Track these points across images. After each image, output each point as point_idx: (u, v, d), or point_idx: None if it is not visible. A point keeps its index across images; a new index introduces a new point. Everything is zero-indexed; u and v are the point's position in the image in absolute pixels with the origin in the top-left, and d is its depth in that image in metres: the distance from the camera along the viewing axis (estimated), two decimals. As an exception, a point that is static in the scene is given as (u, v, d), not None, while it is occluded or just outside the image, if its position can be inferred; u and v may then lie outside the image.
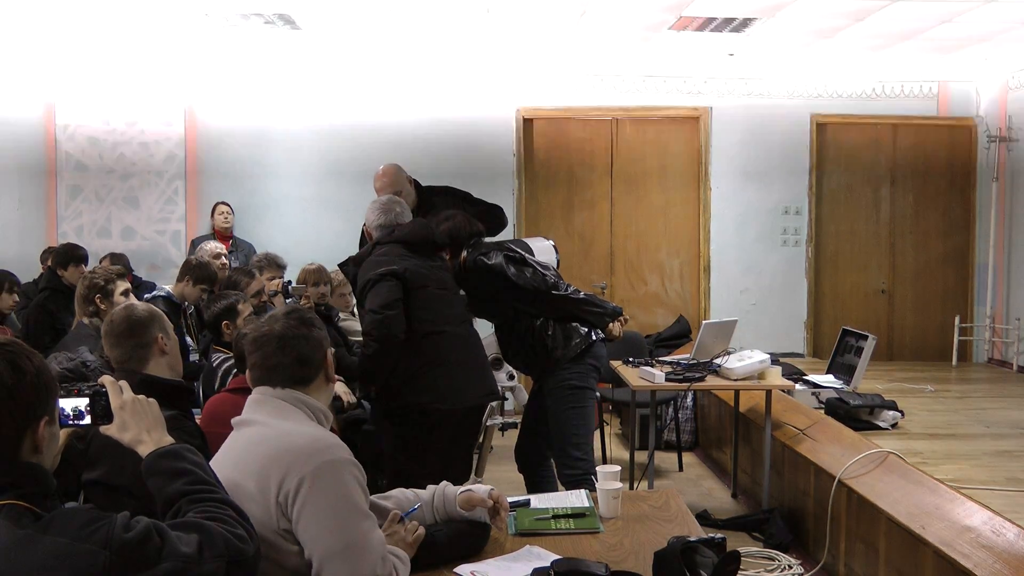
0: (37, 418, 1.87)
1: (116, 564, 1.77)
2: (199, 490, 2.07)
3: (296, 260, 7.21)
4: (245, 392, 3.82)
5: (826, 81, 9.33)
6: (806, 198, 9.41)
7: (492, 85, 9.18)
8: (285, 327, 2.59)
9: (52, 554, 1.74)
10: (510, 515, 3.17)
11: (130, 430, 2.20)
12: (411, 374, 4.33)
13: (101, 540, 1.77)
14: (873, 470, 4.83)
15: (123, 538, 1.78)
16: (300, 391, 2.59)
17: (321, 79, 9.16)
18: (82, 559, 1.75)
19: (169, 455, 2.14)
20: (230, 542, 1.93)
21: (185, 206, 9.15)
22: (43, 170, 9.17)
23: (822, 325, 9.49)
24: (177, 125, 9.17)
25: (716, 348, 6.05)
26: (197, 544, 1.88)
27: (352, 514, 2.40)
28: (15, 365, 1.84)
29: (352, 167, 8.89)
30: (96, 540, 1.77)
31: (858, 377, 6.47)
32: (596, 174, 9.30)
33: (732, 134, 9.35)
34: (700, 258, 9.42)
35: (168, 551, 1.82)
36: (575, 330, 4.80)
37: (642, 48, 8.78)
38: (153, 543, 1.82)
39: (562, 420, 4.81)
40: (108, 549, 1.76)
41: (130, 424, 2.20)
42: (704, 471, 7.35)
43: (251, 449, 2.47)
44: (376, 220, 4.68)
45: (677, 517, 3.18)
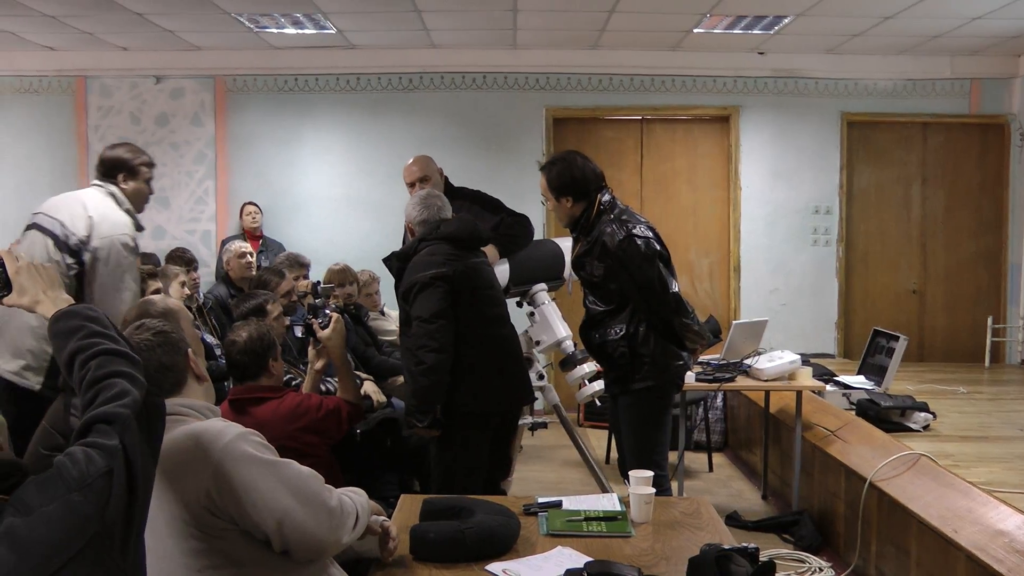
0: None
1: (91, 493, 1.79)
2: (90, 344, 2.08)
3: (325, 260, 7.27)
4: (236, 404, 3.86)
5: (856, 79, 9.27)
6: (836, 197, 9.35)
7: (521, 85, 9.19)
8: (137, 343, 2.53)
9: (44, 524, 1.75)
10: (542, 515, 3.19)
11: (28, 293, 2.31)
12: (457, 377, 4.29)
13: (72, 485, 1.79)
14: (904, 472, 4.80)
15: (82, 472, 1.80)
16: (177, 397, 2.55)
17: (351, 79, 9.20)
18: (72, 510, 1.77)
19: (65, 315, 2.18)
20: (125, 401, 1.94)
21: (215, 206, 9.22)
22: (75, 171, 9.29)
23: (853, 325, 9.44)
24: (208, 125, 9.24)
25: (746, 348, 6.03)
26: (113, 427, 1.89)
27: (274, 469, 2.39)
28: None
29: (381, 167, 8.93)
30: (68, 488, 1.78)
31: (889, 378, 6.42)
32: (625, 174, 9.28)
33: (762, 133, 9.31)
34: (730, 258, 9.39)
35: (104, 450, 1.84)
36: (676, 353, 4.52)
37: (671, 47, 8.78)
38: (96, 455, 1.83)
39: (640, 435, 4.60)
40: (80, 492, 1.78)
41: (27, 287, 2.31)
42: (734, 472, 7.32)
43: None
44: (418, 216, 4.59)
45: (708, 524, 3.17)
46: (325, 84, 9.25)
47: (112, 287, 4.21)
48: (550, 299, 5.42)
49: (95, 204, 4.48)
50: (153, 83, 9.26)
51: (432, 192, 4.80)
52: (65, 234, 4.38)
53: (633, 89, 9.24)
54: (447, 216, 4.60)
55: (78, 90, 9.32)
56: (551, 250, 5.45)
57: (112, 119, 9.31)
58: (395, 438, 4.83)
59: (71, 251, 4.38)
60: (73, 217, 4.41)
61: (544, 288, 5.42)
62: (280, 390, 4.00)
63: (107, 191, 4.56)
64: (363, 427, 4.57)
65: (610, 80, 9.20)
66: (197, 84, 9.28)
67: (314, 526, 2.38)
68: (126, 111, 9.31)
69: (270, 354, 3.94)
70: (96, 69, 9.25)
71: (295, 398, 3.95)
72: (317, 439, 3.91)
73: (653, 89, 9.24)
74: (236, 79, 9.26)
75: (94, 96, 9.32)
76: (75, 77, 9.30)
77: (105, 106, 9.32)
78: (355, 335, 6.13)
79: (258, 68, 9.18)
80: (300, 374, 5.01)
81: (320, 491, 2.44)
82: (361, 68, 9.15)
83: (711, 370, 5.83)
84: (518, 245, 5.24)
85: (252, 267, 6.72)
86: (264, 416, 3.75)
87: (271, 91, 9.27)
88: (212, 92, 9.27)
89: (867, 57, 9.08)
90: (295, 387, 4.58)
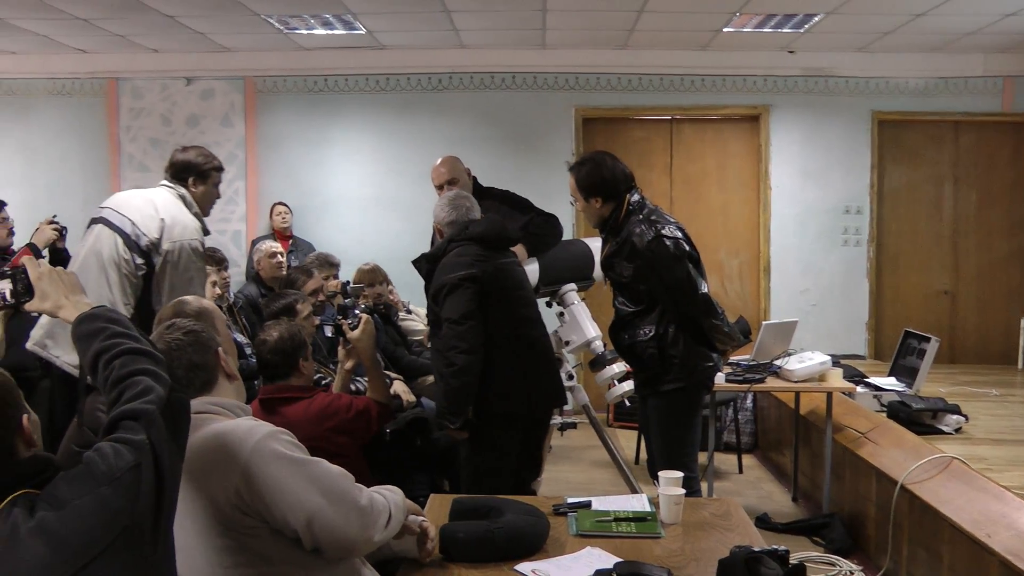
0: (16, 420, 1.91)
1: (120, 486, 1.83)
2: (113, 344, 2.12)
3: (355, 260, 7.30)
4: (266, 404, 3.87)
5: (887, 77, 9.19)
6: (867, 197, 9.28)
7: (550, 85, 9.19)
8: (167, 343, 2.57)
9: (76, 517, 1.79)
10: (571, 515, 3.18)
11: (50, 298, 2.35)
12: (487, 378, 4.29)
13: (101, 480, 1.83)
14: (936, 475, 4.76)
15: (111, 467, 1.84)
16: (208, 396, 2.57)
17: (380, 79, 9.23)
18: (103, 504, 1.81)
19: (87, 318, 2.23)
20: (149, 397, 1.98)
21: (246, 206, 9.27)
22: (106, 171, 9.39)
23: (883, 326, 9.36)
24: (238, 126, 9.29)
25: (776, 349, 6.00)
26: (139, 423, 1.93)
27: (304, 468, 2.40)
28: None
29: (410, 167, 8.95)
30: (98, 482, 1.82)
31: (920, 380, 6.37)
32: (655, 174, 9.25)
33: (792, 132, 9.25)
34: (760, 258, 9.34)
35: (131, 445, 1.89)
36: (706, 355, 4.49)
37: (701, 47, 8.75)
38: (124, 449, 1.87)
39: (669, 437, 4.57)
40: (110, 485, 1.82)
41: (49, 292, 2.35)
42: (764, 473, 7.29)
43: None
44: (446, 217, 4.60)
45: (738, 527, 3.15)
46: (355, 84, 9.28)
47: (180, 291, 4.22)
48: (580, 299, 5.41)
49: (166, 206, 4.52)
50: (184, 84, 9.32)
51: (460, 193, 4.81)
52: (136, 234, 4.42)
53: (663, 89, 9.21)
54: (476, 217, 4.60)
55: (110, 92, 9.39)
56: (581, 250, 5.45)
57: (143, 120, 9.38)
58: (425, 438, 4.83)
59: (141, 251, 4.43)
60: (144, 217, 4.45)
61: (574, 288, 5.42)
62: (310, 390, 4.01)
63: (177, 193, 4.61)
64: (393, 427, 4.57)
65: (639, 80, 9.18)
66: (227, 85, 9.33)
67: (344, 525, 2.38)
68: (157, 112, 9.38)
69: (300, 354, 3.95)
70: (127, 71, 9.32)
71: (325, 398, 3.96)
72: (347, 439, 3.91)
73: (683, 89, 9.21)
74: (266, 80, 9.30)
75: (125, 98, 9.39)
76: (107, 79, 9.37)
77: (136, 107, 9.39)
78: (384, 335, 6.15)
79: (288, 69, 9.22)
80: (330, 373, 5.03)
81: (350, 490, 2.45)
82: (390, 68, 9.17)
83: (741, 371, 5.81)
84: (547, 244, 5.24)
85: (283, 267, 6.75)
86: (294, 416, 3.76)
87: (301, 92, 9.31)
88: (242, 93, 9.32)
89: (898, 55, 9.01)
90: (325, 386, 4.59)
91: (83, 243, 4.57)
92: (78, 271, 4.37)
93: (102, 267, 4.40)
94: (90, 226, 4.60)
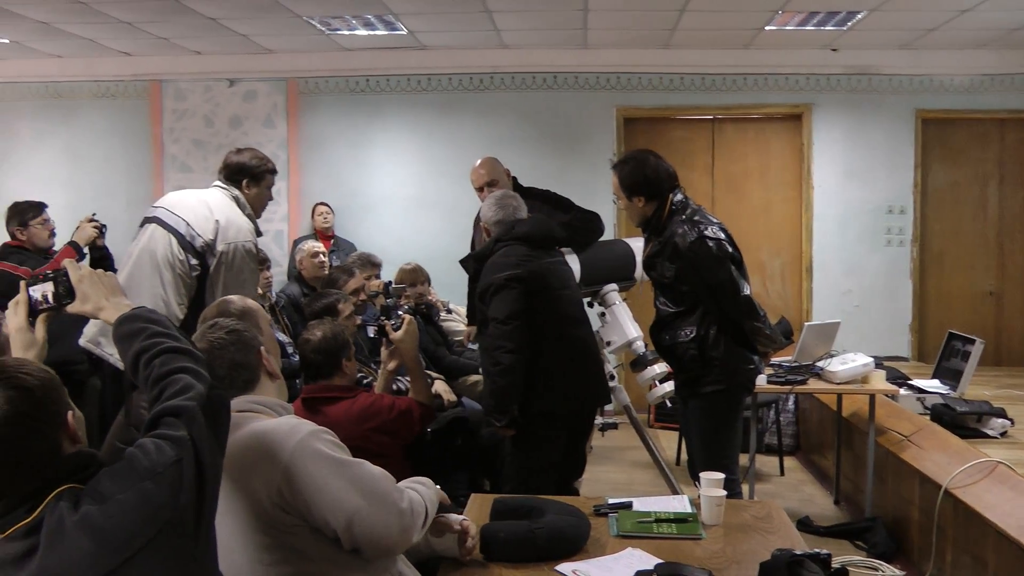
0: (62, 417, 1.93)
1: (163, 481, 1.87)
2: (153, 343, 2.16)
3: (396, 259, 7.34)
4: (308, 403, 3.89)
5: (931, 75, 9.08)
6: (910, 196, 9.18)
7: (592, 85, 9.17)
8: (210, 342, 2.59)
9: (119, 512, 1.82)
10: (612, 516, 3.18)
11: (91, 300, 2.39)
12: (533, 377, 4.32)
13: (144, 475, 1.86)
14: (981, 480, 4.70)
15: (153, 462, 1.88)
16: (250, 395, 2.59)
17: (421, 80, 9.26)
18: (145, 499, 1.84)
19: (128, 319, 2.27)
20: (190, 394, 2.02)
21: (288, 206, 9.33)
22: (150, 172, 9.49)
23: (927, 328, 9.26)
24: (280, 127, 9.36)
25: (818, 350, 5.96)
26: (180, 419, 1.97)
27: (345, 469, 2.41)
28: (20, 387, 1.88)
29: (451, 167, 8.96)
30: (140, 477, 1.86)
31: (964, 382, 6.29)
32: (696, 174, 9.21)
33: (834, 131, 9.18)
34: (802, 258, 9.28)
35: (173, 440, 1.92)
36: (747, 357, 4.46)
37: (743, 46, 8.71)
38: (166, 445, 1.91)
39: (709, 440, 4.53)
40: (152, 480, 1.86)
41: (90, 294, 2.40)
42: (805, 476, 7.24)
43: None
44: (493, 216, 4.62)
45: (780, 529, 3.13)
46: (396, 85, 9.32)
47: (234, 292, 4.21)
48: (621, 299, 5.41)
49: (220, 207, 4.56)
50: (226, 86, 9.40)
51: (508, 193, 4.83)
52: (191, 234, 4.46)
53: (704, 88, 9.17)
54: (522, 216, 4.61)
55: (153, 94, 9.49)
56: (622, 250, 5.44)
57: (186, 122, 9.47)
58: (466, 437, 4.85)
59: (196, 252, 4.46)
60: (199, 218, 4.49)
61: (615, 288, 5.42)
62: (353, 390, 4.03)
63: (231, 195, 4.65)
64: (434, 426, 4.59)
65: (681, 79, 9.14)
66: (269, 87, 9.40)
67: (384, 527, 2.39)
68: (200, 114, 9.47)
69: (343, 353, 3.97)
70: (171, 73, 9.41)
71: (367, 398, 3.98)
72: (389, 440, 3.93)
73: (724, 88, 9.17)
74: (308, 81, 9.36)
75: (169, 99, 9.49)
76: (150, 81, 9.47)
77: (179, 109, 9.48)
78: (426, 335, 6.17)
79: (330, 70, 9.27)
80: (371, 373, 5.05)
81: (391, 492, 2.46)
82: (432, 68, 9.20)
83: (783, 372, 5.77)
84: (586, 239, 5.25)
85: (325, 266, 6.80)
86: (337, 416, 3.79)
87: (342, 92, 9.36)
88: (284, 94, 9.38)
89: (942, 52, 8.91)
90: (367, 386, 4.62)
91: (136, 242, 4.59)
92: (131, 270, 4.42)
93: (156, 267, 4.43)
94: (143, 225, 4.62)
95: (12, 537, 1.84)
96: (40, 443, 1.87)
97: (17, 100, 9.65)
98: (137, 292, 4.27)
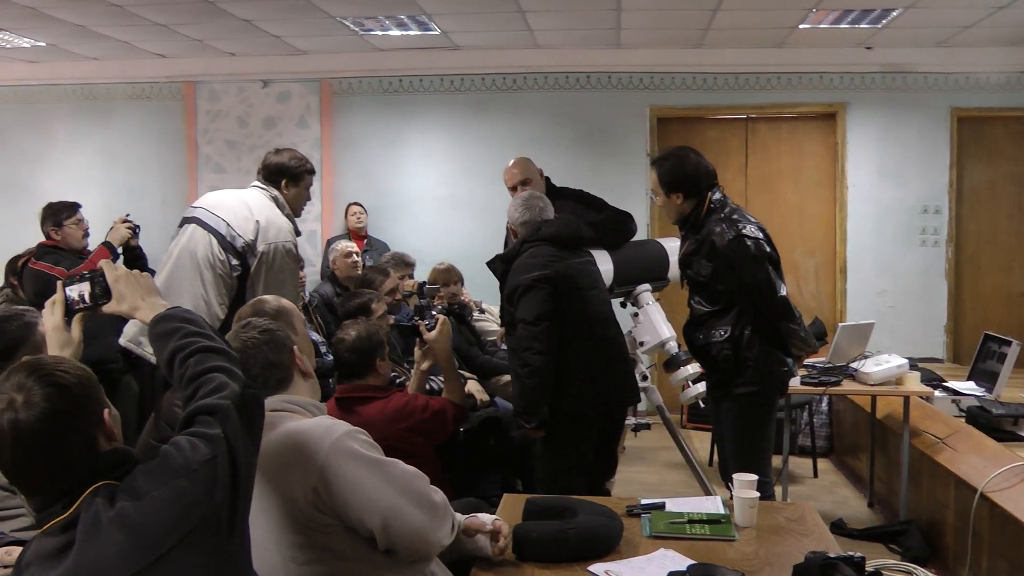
0: (99, 415, 1.96)
1: (197, 478, 1.90)
2: (188, 343, 2.19)
3: (429, 259, 7.36)
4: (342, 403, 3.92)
5: (967, 72, 8.98)
6: (946, 196, 9.09)
7: (625, 85, 9.16)
8: (243, 341, 2.61)
9: (154, 508, 1.85)
10: (644, 517, 3.18)
11: (127, 299, 2.42)
12: (561, 377, 4.33)
13: (179, 472, 1.90)
14: (1018, 484, 4.64)
15: (187, 460, 1.92)
16: (283, 394, 2.61)
17: (455, 80, 9.28)
18: (180, 495, 1.88)
19: (163, 319, 2.30)
20: (224, 393, 2.06)
21: (322, 206, 9.37)
22: (184, 173, 9.56)
23: (962, 329, 9.17)
24: (314, 127, 9.41)
25: (852, 352, 5.93)
26: (215, 418, 2.00)
27: (380, 468, 2.43)
28: (59, 384, 1.90)
29: (484, 167, 8.98)
30: (175, 474, 1.90)
31: (1000, 385, 6.23)
32: (730, 174, 9.17)
33: (869, 130, 9.10)
34: (836, 259, 9.22)
35: (207, 438, 1.96)
36: (781, 359, 4.43)
37: (777, 44, 8.67)
38: (200, 443, 1.95)
39: (742, 442, 4.50)
40: (186, 477, 1.89)
41: (126, 294, 2.42)
42: (839, 478, 7.20)
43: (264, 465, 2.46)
44: (520, 217, 4.64)
45: (813, 532, 3.12)
46: (429, 85, 9.34)
47: (274, 291, 4.22)
48: (654, 299, 5.39)
49: (260, 208, 4.58)
50: (260, 87, 9.46)
51: (533, 193, 4.83)
52: (231, 235, 4.48)
53: (738, 88, 9.13)
54: (549, 217, 4.62)
55: (187, 95, 9.56)
56: (655, 250, 5.43)
57: (220, 123, 9.54)
58: (498, 437, 4.86)
59: (236, 253, 4.48)
60: (239, 219, 4.51)
61: (648, 288, 5.40)
62: (386, 390, 4.05)
63: (270, 195, 4.67)
64: (466, 426, 4.61)
65: (714, 79, 9.11)
66: (303, 87, 9.44)
67: (419, 525, 2.41)
68: (234, 115, 9.53)
69: (378, 353, 3.99)
70: (205, 74, 9.49)
71: (401, 398, 4.00)
72: (422, 439, 3.95)
73: (758, 87, 9.12)
74: (341, 82, 9.40)
75: (203, 101, 9.56)
76: (184, 83, 9.55)
77: (213, 110, 9.55)
78: (459, 335, 6.19)
79: (363, 70, 9.31)
80: (404, 372, 5.07)
81: (426, 490, 2.48)
82: (465, 69, 9.22)
83: (816, 373, 5.74)
84: (616, 237, 5.21)
85: (358, 266, 6.83)
86: (371, 415, 3.81)
87: (376, 93, 9.40)
88: (318, 95, 9.43)
89: (979, 49, 8.81)
90: (400, 385, 4.64)
91: (175, 242, 4.61)
92: (171, 270, 4.45)
93: (197, 267, 4.45)
94: (182, 226, 4.64)
95: (49, 532, 1.88)
96: (77, 440, 1.90)
97: (54, 102, 9.76)
98: (178, 292, 4.30)
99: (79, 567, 1.82)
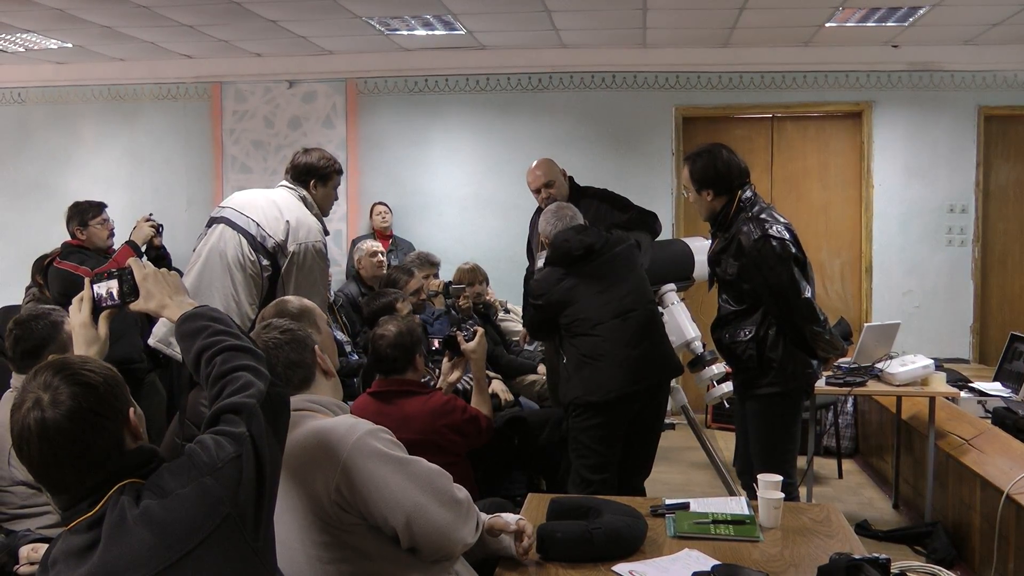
0: (124, 413, 1.97)
1: (222, 476, 1.92)
2: (215, 341, 2.21)
3: (454, 259, 7.38)
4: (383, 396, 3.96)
5: (995, 70, 8.91)
6: (972, 195, 9.02)
7: (651, 84, 9.15)
8: (264, 341, 2.62)
9: (180, 506, 1.87)
10: (669, 517, 3.18)
11: (155, 298, 2.44)
12: (567, 373, 4.48)
13: (204, 470, 1.92)
14: (1045, 485, 4.63)
15: (212, 458, 1.93)
16: (306, 393, 2.63)
17: (480, 80, 9.30)
18: (205, 493, 1.89)
19: (190, 317, 2.32)
20: (250, 392, 2.07)
21: (347, 206, 9.41)
22: (210, 173, 9.62)
23: (989, 329, 9.11)
24: (339, 127, 9.44)
25: (878, 352, 5.91)
26: (240, 416, 2.02)
27: (403, 466, 2.44)
28: (85, 383, 1.92)
29: (510, 167, 8.99)
30: (200, 472, 1.92)
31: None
32: (756, 173, 8.99)
33: (895, 129, 9.05)
34: (861, 258, 9.18)
35: (232, 437, 1.98)
36: (806, 361, 4.42)
37: (803, 43, 8.64)
38: (225, 441, 1.97)
39: (766, 443, 4.48)
40: (212, 475, 1.91)
41: (154, 292, 2.44)
42: (864, 479, 7.17)
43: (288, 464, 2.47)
44: (552, 230, 4.73)
45: (838, 533, 3.12)
46: (455, 85, 9.36)
47: (305, 292, 4.24)
48: (679, 299, 5.40)
49: (289, 208, 4.59)
50: (286, 87, 9.50)
51: (563, 204, 4.90)
52: (261, 235, 4.49)
53: (764, 87, 9.10)
54: (579, 223, 4.71)
55: (214, 96, 9.62)
56: (680, 250, 5.44)
57: (246, 123, 9.59)
58: (523, 437, 4.88)
59: (267, 253, 4.49)
60: (269, 219, 4.52)
61: (673, 288, 5.41)
62: (426, 387, 4.12)
63: (299, 195, 4.68)
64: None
65: (740, 78, 9.08)
66: (329, 87, 9.48)
67: (443, 522, 2.42)
68: (260, 115, 9.58)
69: (417, 349, 4.07)
70: (231, 75, 9.54)
71: (443, 397, 4.11)
72: (460, 439, 4.01)
73: (784, 86, 9.09)
74: (367, 81, 9.43)
75: (229, 101, 9.61)
76: (211, 83, 9.61)
77: (240, 110, 9.60)
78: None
79: (389, 70, 9.34)
80: (430, 373, 5.10)
81: (449, 488, 2.49)
82: (490, 68, 9.23)
83: (842, 374, 5.72)
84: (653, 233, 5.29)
85: (383, 266, 6.85)
86: (412, 409, 3.89)
87: (401, 92, 9.42)
88: (343, 95, 9.46)
89: (1007, 47, 8.74)
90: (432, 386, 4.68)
91: (203, 242, 4.59)
92: (201, 270, 4.46)
93: (226, 267, 4.45)
94: (210, 226, 4.63)
95: (75, 530, 1.91)
96: (103, 438, 1.92)
97: (81, 102, 9.84)
98: (208, 292, 4.31)
99: (105, 565, 1.84)
